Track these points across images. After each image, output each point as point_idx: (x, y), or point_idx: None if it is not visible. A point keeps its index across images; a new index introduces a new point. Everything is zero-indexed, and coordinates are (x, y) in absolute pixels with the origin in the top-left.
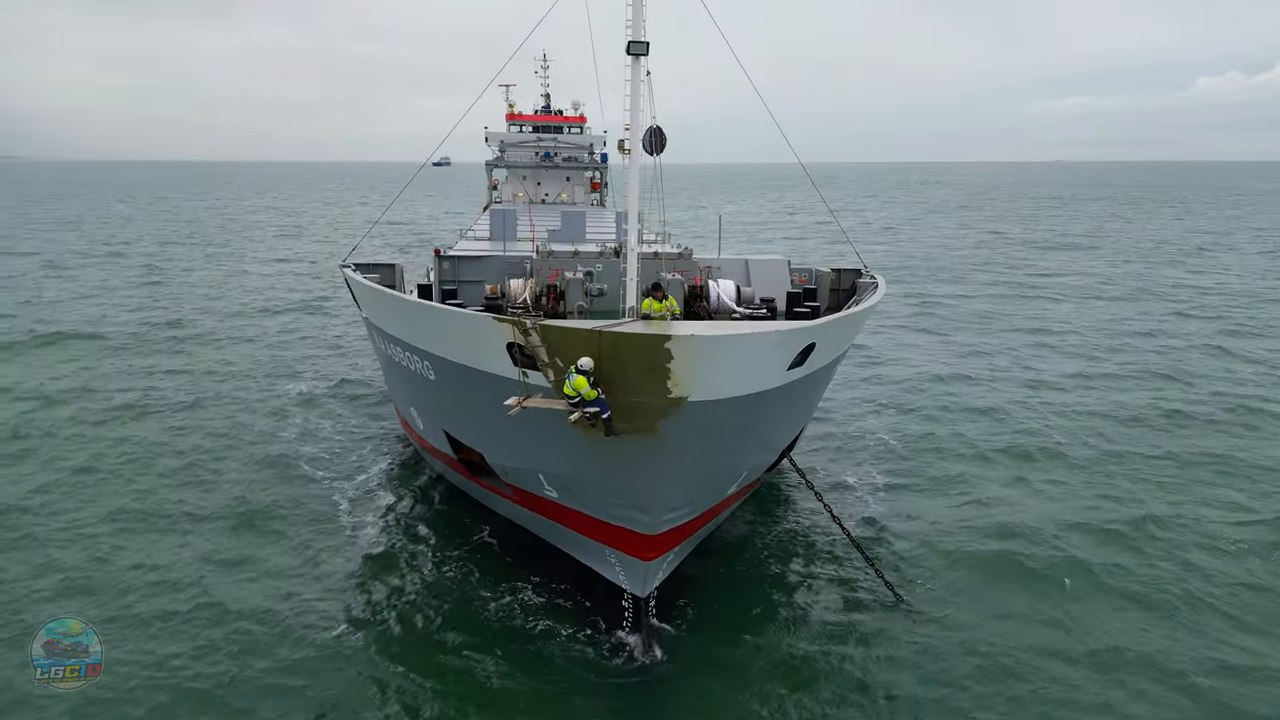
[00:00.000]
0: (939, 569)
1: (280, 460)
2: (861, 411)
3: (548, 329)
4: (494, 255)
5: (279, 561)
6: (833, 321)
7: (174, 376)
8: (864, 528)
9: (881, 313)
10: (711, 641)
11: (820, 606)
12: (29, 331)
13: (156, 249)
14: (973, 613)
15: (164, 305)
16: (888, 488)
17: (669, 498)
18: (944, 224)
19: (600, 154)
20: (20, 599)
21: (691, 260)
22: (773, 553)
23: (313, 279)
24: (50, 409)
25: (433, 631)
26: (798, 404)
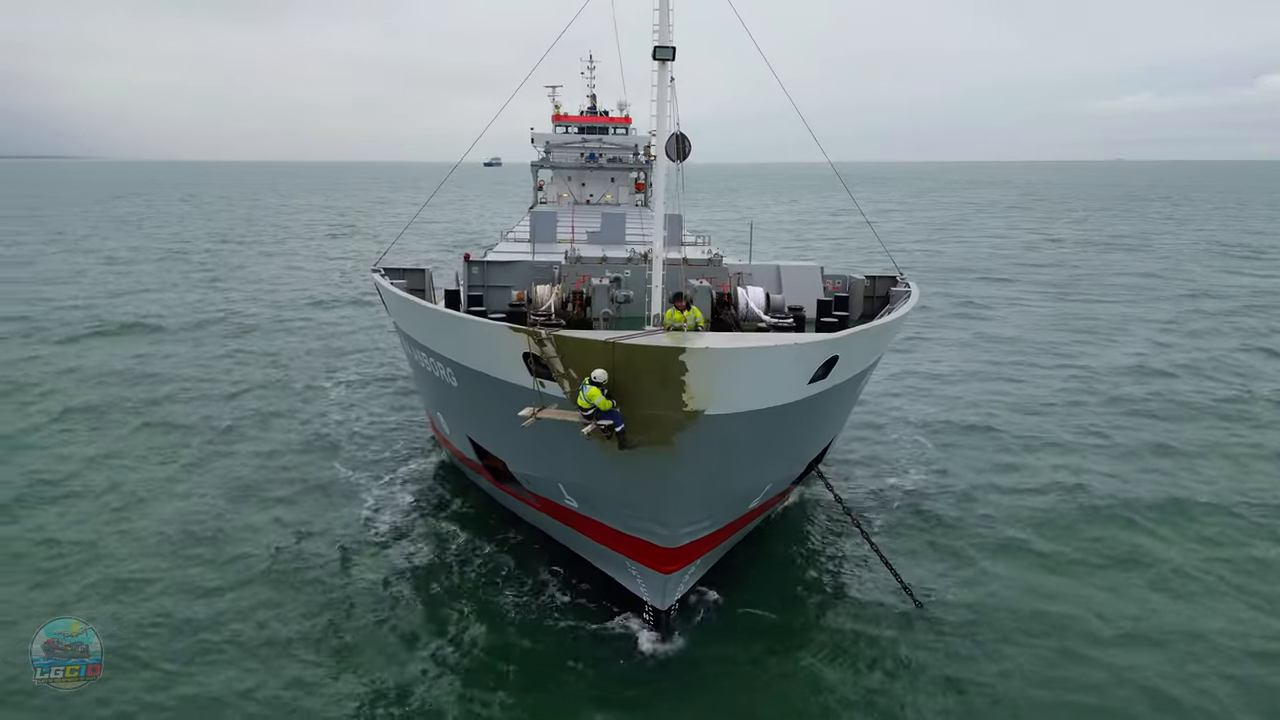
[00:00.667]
0: (967, 577)
1: (311, 457)
2: (894, 412)
3: (562, 340)
4: (523, 261)
5: (299, 558)
6: (857, 334)
7: (223, 366)
8: (889, 536)
9: (922, 312)
10: (729, 646)
11: (840, 613)
12: (95, 321)
13: (214, 246)
14: (1003, 624)
15: (220, 299)
16: (919, 492)
17: (687, 511)
18: (993, 224)
19: (645, 156)
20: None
21: (721, 266)
22: (795, 558)
23: (361, 278)
24: (96, 394)
25: (450, 628)
26: (822, 417)
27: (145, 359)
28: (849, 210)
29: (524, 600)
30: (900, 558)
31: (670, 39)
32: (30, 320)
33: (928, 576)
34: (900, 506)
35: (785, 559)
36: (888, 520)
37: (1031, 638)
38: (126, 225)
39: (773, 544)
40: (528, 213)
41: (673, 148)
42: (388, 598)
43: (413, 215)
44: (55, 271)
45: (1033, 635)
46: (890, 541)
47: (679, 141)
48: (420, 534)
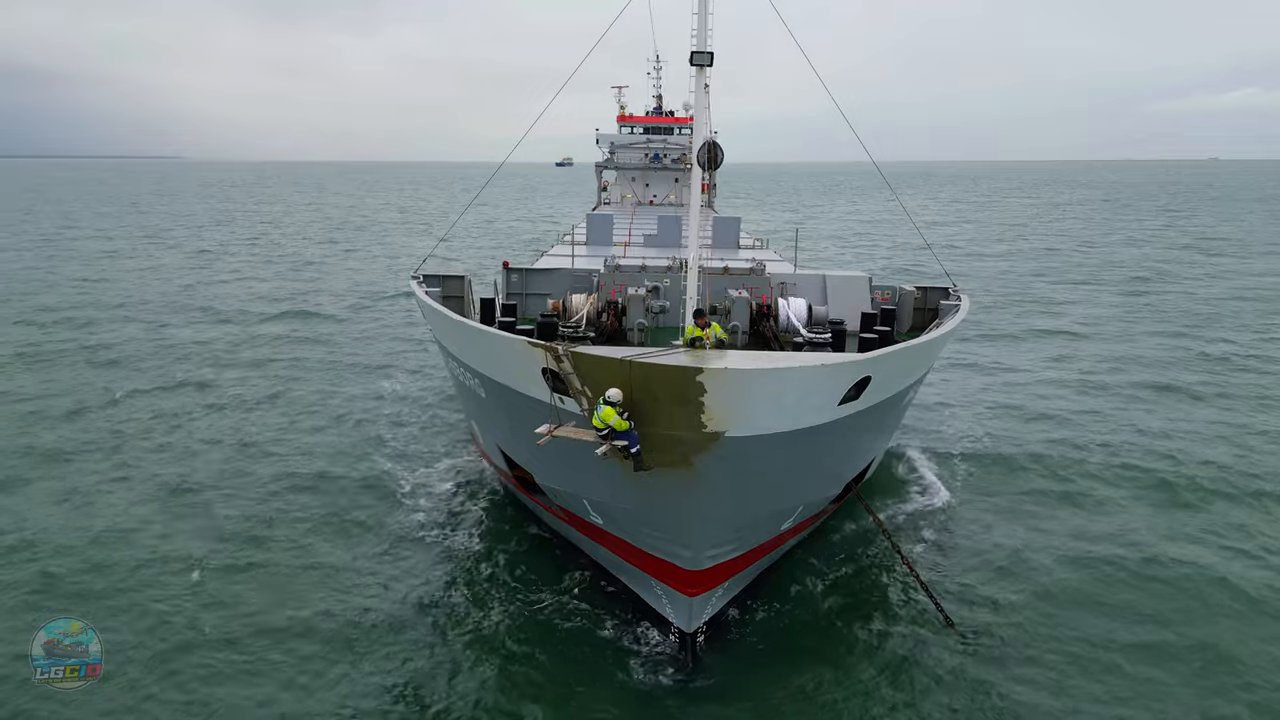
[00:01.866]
0: (1013, 604)
1: (354, 450)
2: (943, 422)
3: (579, 356)
4: (562, 268)
5: (323, 551)
6: (892, 354)
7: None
8: (931, 559)
9: (976, 323)
10: (753, 666)
11: (871, 634)
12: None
13: (306, 243)
14: (1053, 660)
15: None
16: (962, 509)
17: (711, 535)
18: (1076, 226)
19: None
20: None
21: (764, 276)
22: (829, 581)
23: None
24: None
25: (470, 627)
26: (857, 439)
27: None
28: (926, 212)
29: (544, 609)
30: (942, 584)
31: (709, 44)
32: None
33: (968, 604)
34: (943, 529)
35: (819, 582)
36: (930, 542)
37: (1090, 679)
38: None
39: (806, 566)
40: (594, 212)
41: (703, 156)
42: (404, 599)
43: (453, 221)
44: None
45: (1091, 677)
46: (932, 565)
47: (710, 150)
48: (445, 536)
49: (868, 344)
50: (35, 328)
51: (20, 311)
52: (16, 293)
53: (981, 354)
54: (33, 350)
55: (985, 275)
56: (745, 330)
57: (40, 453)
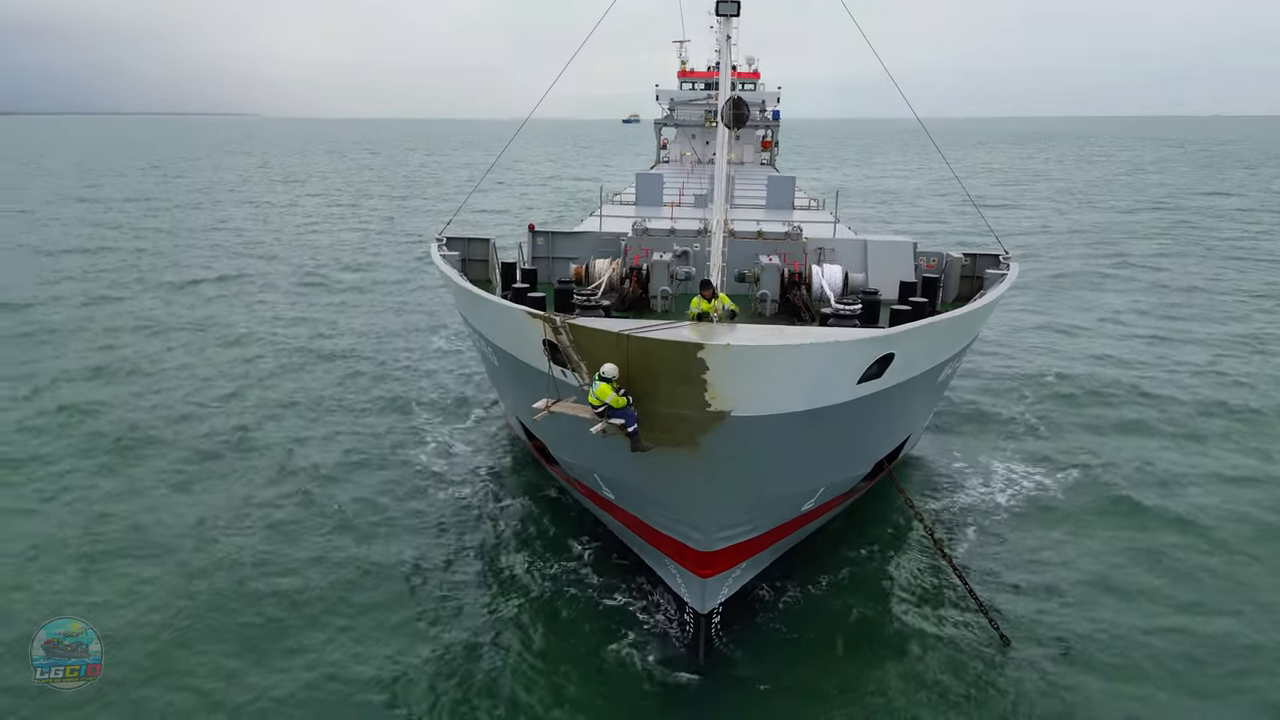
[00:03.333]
0: (1063, 612)
1: (387, 420)
2: (998, 396)
3: (576, 329)
4: (588, 232)
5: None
6: (917, 329)
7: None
8: (973, 553)
9: (1027, 290)
10: (774, 664)
11: (905, 638)
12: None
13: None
14: (1101, 672)
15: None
16: (1012, 502)
17: (722, 516)
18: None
19: (772, 111)
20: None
21: (799, 240)
22: (858, 571)
23: (494, 227)
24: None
25: (475, 594)
26: (883, 418)
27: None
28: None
29: (555, 578)
30: (976, 570)
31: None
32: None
33: (1008, 596)
34: (985, 515)
35: (849, 567)
36: (967, 527)
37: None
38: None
39: (838, 549)
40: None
41: (728, 114)
42: (403, 585)
43: (479, 179)
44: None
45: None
46: (969, 553)
47: (734, 107)
48: (464, 495)
49: (900, 316)
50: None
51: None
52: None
53: (1058, 319)
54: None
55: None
56: (775, 299)
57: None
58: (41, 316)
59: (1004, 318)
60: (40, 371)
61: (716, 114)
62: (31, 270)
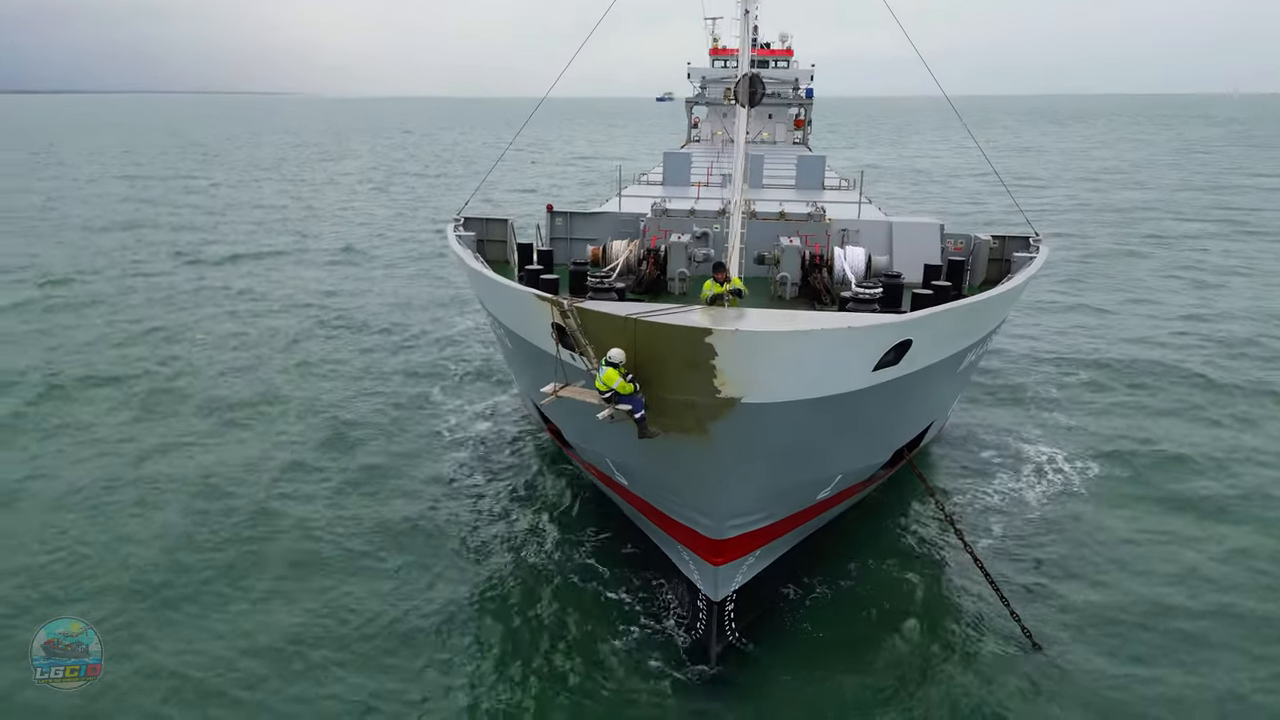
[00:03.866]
0: (1097, 612)
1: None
2: (1028, 380)
3: (584, 313)
4: (607, 212)
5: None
6: (935, 315)
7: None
8: (999, 553)
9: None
10: (788, 656)
11: (923, 634)
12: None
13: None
14: (1136, 681)
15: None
16: (1042, 491)
17: (733, 504)
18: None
19: (806, 89)
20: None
21: (822, 222)
22: (876, 563)
23: (524, 205)
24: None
25: (479, 580)
26: (901, 406)
27: None
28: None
29: (565, 566)
30: (1005, 567)
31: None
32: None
33: (1034, 591)
34: (1011, 504)
35: (862, 558)
36: (999, 517)
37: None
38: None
39: (848, 540)
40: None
41: (744, 92)
42: (408, 574)
43: (496, 160)
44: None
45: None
46: (991, 545)
47: (750, 84)
48: (479, 477)
49: (922, 301)
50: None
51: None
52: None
53: (1092, 299)
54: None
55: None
56: (795, 282)
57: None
58: (84, 288)
59: (1037, 298)
60: (71, 341)
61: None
62: (75, 245)
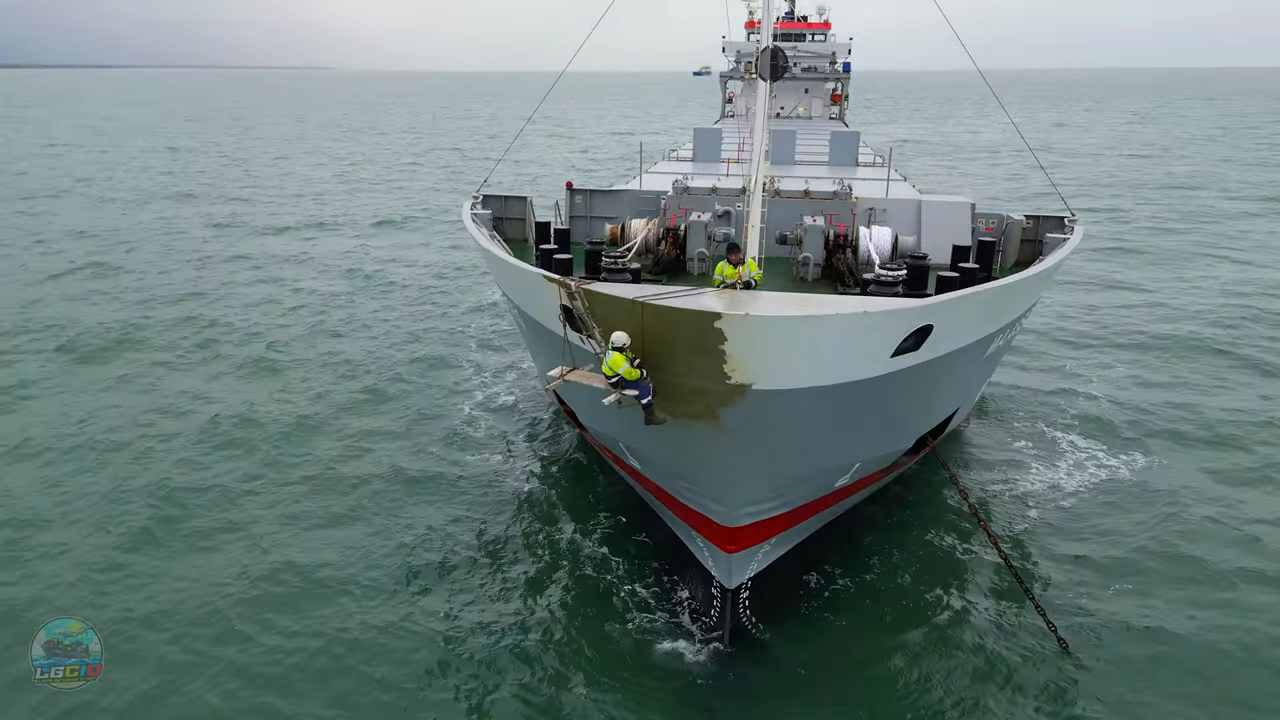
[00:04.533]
0: (1133, 614)
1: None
2: (1062, 362)
3: (591, 294)
4: (628, 190)
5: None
6: (963, 299)
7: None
8: (1029, 547)
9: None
10: (802, 646)
11: (946, 632)
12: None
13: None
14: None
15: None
16: (1081, 484)
17: (745, 491)
18: None
19: (843, 63)
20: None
21: (848, 200)
22: (898, 553)
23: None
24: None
25: (488, 569)
26: (924, 392)
27: None
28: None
29: (576, 554)
30: (1034, 560)
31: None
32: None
33: (1063, 586)
34: (1049, 493)
35: (882, 548)
36: (1029, 507)
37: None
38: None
39: (868, 529)
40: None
41: (765, 65)
42: (415, 559)
43: (514, 136)
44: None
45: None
46: (1022, 534)
47: (771, 58)
48: (489, 463)
49: (947, 284)
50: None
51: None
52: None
53: (1129, 278)
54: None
55: None
56: (818, 263)
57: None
58: (123, 258)
59: (1075, 275)
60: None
61: (755, 65)
62: (119, 218)
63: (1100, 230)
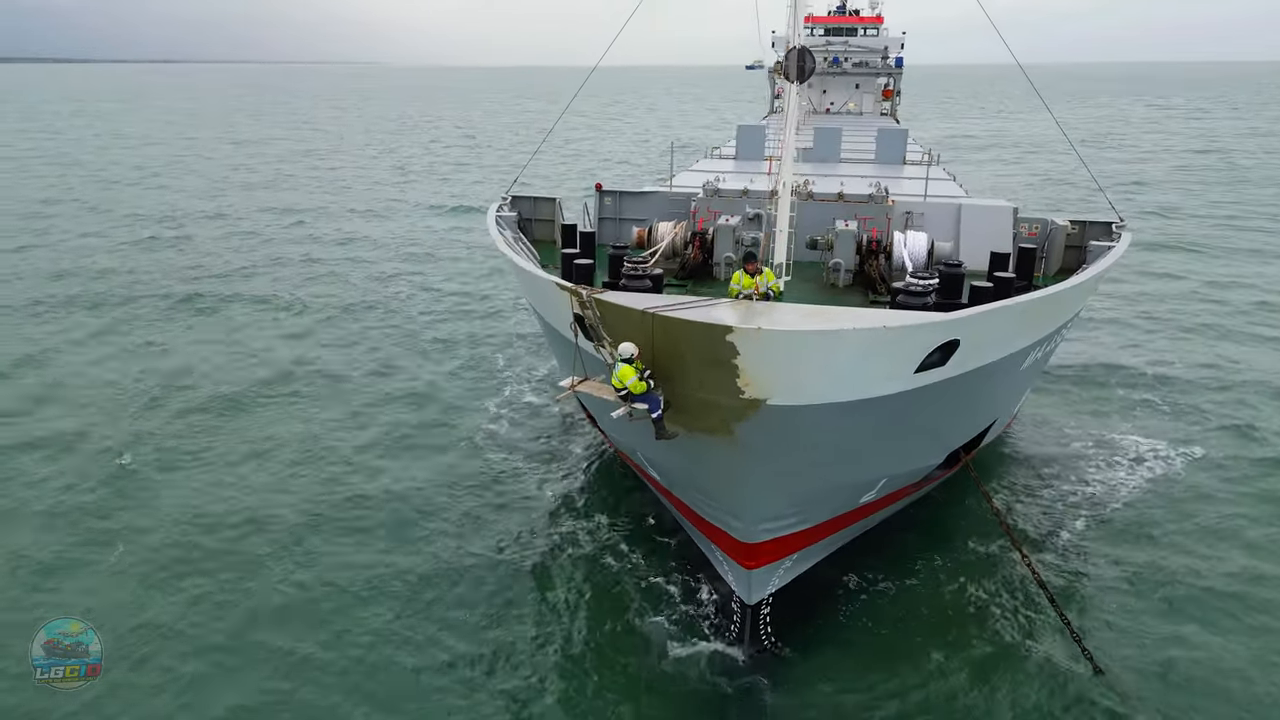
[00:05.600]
0: (1171, 639)
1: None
2: (1109, 373)
3: (602, 304)
4: (657, 192)
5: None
6: (992, 313)
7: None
8: (1067, 565)
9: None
10: (824, 661)
11: (974, 651)
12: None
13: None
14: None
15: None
16: (1125, 502)
17: (763, 507)
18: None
19: (895, 58)
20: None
21: (884, 203)
22: (927, 570)
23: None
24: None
25: (506, 571)
26: (952, 407)
27: None
28: None
29: (596, 560)
30: (1070, 582)
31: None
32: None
33: (1100, 607)
34: (1091, 511)
35: (913, 564)
36: (1071, 522)
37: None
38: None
39: (898, 544)
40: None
41: (793, 66)
42: (435, 554)
43: (543, 136)
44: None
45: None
46: (1060, 553)
47: (799, 58)
48: (513, 463)
49: (980, 295)
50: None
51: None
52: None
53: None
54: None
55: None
56: (849, 269)
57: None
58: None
59: (1122, 283)
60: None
61: (786, 66)
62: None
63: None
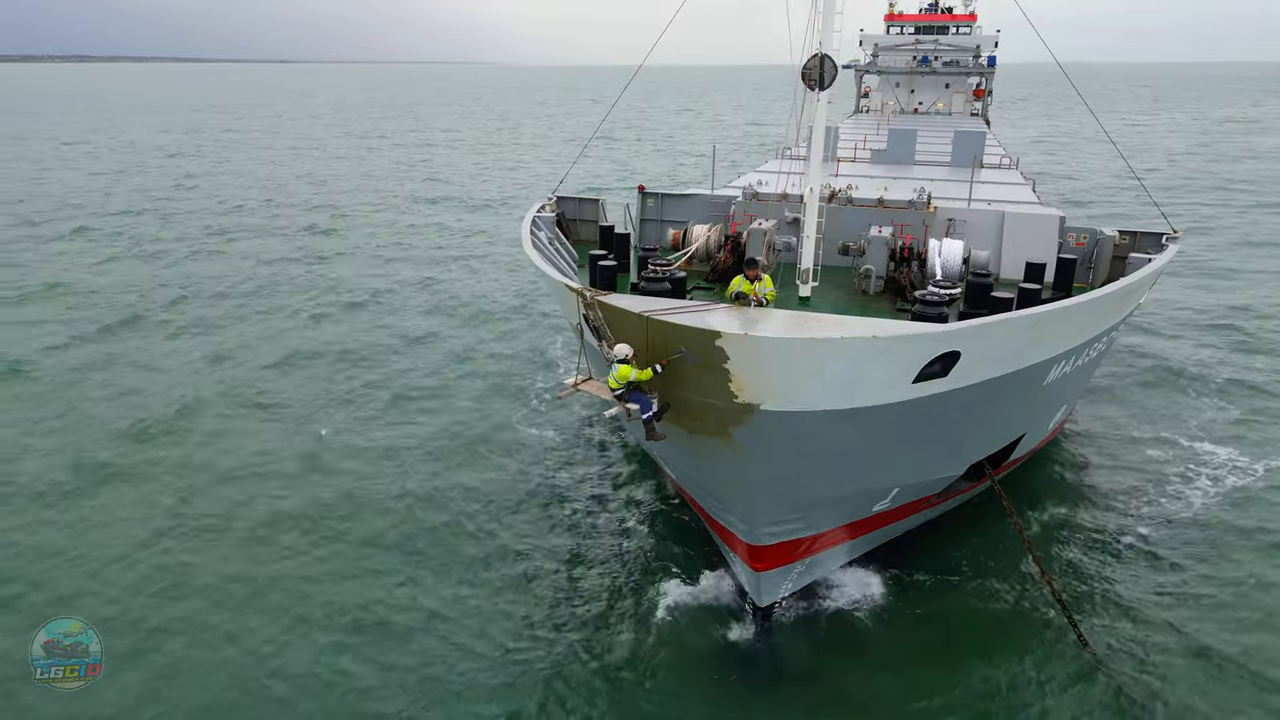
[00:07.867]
0: (1202, 677)
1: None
2: (1171, 383)
3: (603, 306)
4: (699, 194)
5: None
6: (984, 327)
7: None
8: (1097, 591)
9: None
10: (843, 671)
11: (991, 671)
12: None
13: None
14: None
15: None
16: (1164, 526)
17: (764, 511)
18: None
19: (988, 57)
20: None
21: (924, 210)
22: (955, 585)
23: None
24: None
25: (528, 556)
26: (961, 420)
27: None
28: None
29: (623, 541)
30: (1095, 611)
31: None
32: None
33: (1120, 634)
34: (1128, 533)
35: (935, 574)
36: (1099, 550)
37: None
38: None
39: (923, 553)
40: (848, 119)
41: (813, 73)
42: (461, 539)
43: (585, 141)
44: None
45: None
46: (1092, 586)
47: (820, 65)
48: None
49: (1001, 306)
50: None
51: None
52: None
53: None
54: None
55: None
56: (881, 276)
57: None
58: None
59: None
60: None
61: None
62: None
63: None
